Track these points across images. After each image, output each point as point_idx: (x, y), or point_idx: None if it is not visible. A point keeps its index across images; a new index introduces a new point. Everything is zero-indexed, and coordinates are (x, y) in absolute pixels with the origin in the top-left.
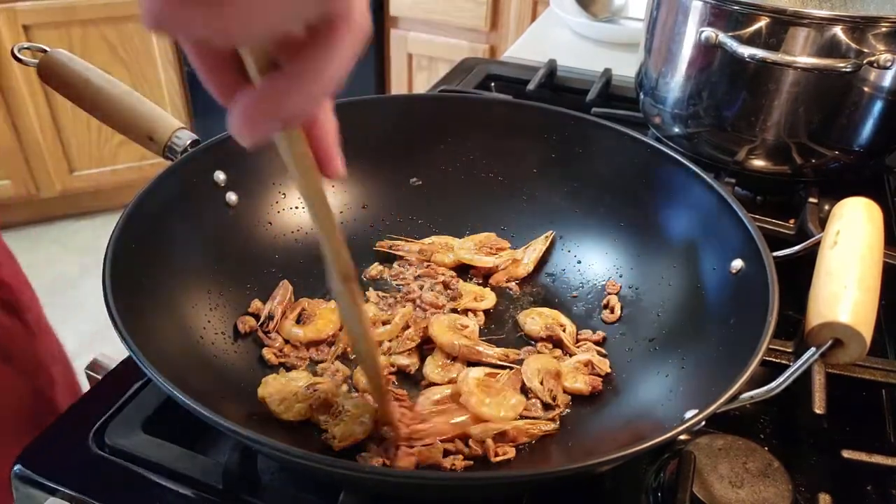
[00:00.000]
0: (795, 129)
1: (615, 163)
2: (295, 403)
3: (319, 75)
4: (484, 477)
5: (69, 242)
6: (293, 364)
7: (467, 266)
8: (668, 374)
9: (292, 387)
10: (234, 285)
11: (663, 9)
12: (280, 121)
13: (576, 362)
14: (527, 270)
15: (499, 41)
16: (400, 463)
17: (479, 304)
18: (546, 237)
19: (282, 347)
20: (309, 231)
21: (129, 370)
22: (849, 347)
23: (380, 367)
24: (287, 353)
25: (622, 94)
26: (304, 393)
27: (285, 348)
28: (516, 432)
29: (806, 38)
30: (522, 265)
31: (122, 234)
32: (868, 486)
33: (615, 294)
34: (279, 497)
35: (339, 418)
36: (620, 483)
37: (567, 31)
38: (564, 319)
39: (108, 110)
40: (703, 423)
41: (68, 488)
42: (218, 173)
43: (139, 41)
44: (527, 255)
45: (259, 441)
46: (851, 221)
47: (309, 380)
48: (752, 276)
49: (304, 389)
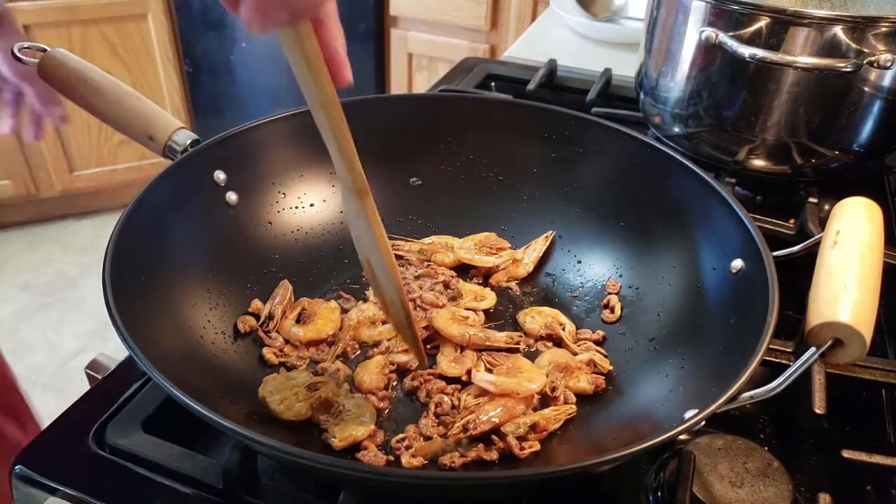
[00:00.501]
0: (795, 129)
1: (615, 163)
2: (295, 403)
3: None
4: (484, 477)
5: (69, 242)
6: (293, 364)
7: (468, 266)
8: (668, 374)
9: (292, 386)
10: (233, 285)
11: (663, 9)
12: (290, 10)
13: (577, 362)
14: (527, 270)
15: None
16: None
17: (479, 303)
18: (546, 237)
19: (282, 347)
20: (309, 231)
21: (129, 370)
22: (849, 347)
23: (401, 286)
24: (287, 353)
25: (622, 93)
26: (305, 392)
27: (285, 348)
28: (545, 421)
29: (806, 37)
30: (522, 265)
31: (122, 234)
32: (868, 485)
33: (615, 294)
34: (279, 497)
35: (339, 418)
36: (620, 483)
37: (567, 30)
38: (564, 318)
39: (108, 110)
40: (703, 422)
41: (68, 488)
42: (218, 173)
43: (139, 41)
44: (527, 255)
45: (259, 441)
46: (851, 221)
47: (309, 379)
48: (753, 276)
49: (305, 389)
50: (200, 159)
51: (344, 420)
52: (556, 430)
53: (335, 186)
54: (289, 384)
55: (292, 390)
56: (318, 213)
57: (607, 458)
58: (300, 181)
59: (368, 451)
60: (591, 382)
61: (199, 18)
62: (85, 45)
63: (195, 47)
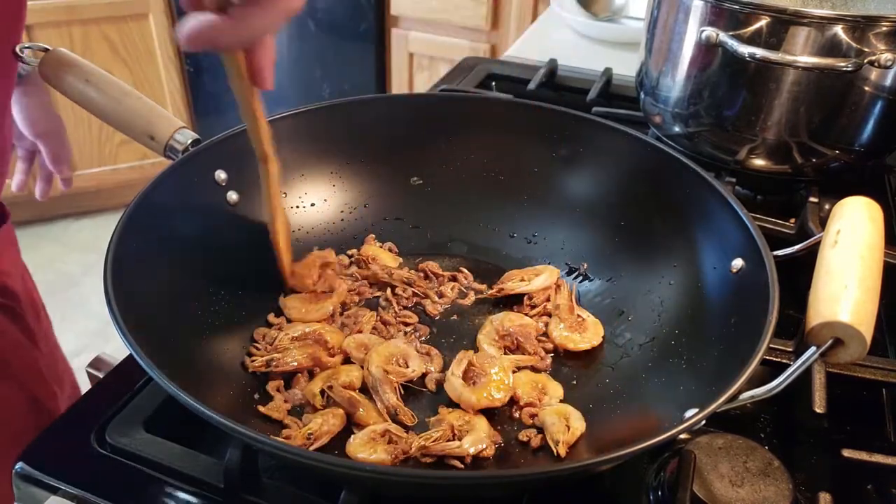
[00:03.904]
0: (796, 129)
1: (615, 162)
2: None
3: (248, 27)
4: (484, 476)
5: (70, 241)
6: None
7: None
8: (669, 374)
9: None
10: (234, 284)
11: (664, 8)
12: (213, 47)
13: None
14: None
15: (499, 40)
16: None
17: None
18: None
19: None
20: (310, 230)
21: (131, 369)
22: (849, 347)
23: (282, 228)
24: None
25: (623, 93)
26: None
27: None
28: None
29: (806, 37)
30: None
31: (123, 233)
32: (868, 485)
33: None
34: (280, 496)
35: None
36: (621, 482)
37: (568, 30)
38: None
39: (109, 109)
40: (703, 422)
41: (70, 486)
42: (219, 172)
43: (140, 40)
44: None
45: (260, 440)
46: (852, 221)
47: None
48: (753, 276)
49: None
50: (201, 159)
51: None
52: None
53: (335, 186)
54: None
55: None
56: (318, 212)
57: (607, 457)
58: (301, 181)
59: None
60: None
61: None
62: (86, 44)
63: None
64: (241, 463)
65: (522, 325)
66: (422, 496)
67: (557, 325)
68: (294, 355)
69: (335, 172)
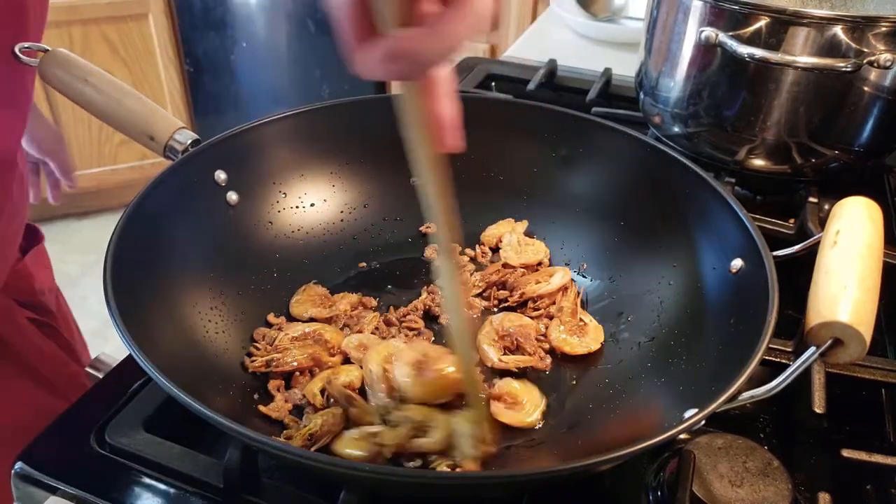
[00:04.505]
0: (795, 129)
1: (615, 162)
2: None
3: (448, 33)
4: (484, 476)
5: (70, 242)
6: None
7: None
8: (668, 374)
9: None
10: (234, 284)
11: (663, 8)
12: (414, 63)
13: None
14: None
15: (499, 41)
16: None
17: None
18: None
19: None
20: (310, 231)
21: (130, 369)
22: (849, 347)
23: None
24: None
25: (622, 93)
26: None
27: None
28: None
29: (806, 37)
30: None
31: (122, 234)
32: (868, 485)
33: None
34: (280, 496)
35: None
36: (620, 482)
37: (567, 30)
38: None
39: (108, 110)
40: (702, 422)
41: (69, 486)
42: (219, 173)
43: (140, 41)
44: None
45: (260, 440)
46: (851, 221)
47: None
48: (752, 276)
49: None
50: (201, 159)
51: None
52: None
53: (335, 186)
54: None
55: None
56: (318, 212)
57: (607, 457)
58: (301, 181)
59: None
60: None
61: (200, 18)
62: (86, 44)
63: (196, 47)
64: (241, 463)
65: (522, 325)
66: (421, 496)
67: (557, 327)
68: (294, 355)
69: (335, 172)
